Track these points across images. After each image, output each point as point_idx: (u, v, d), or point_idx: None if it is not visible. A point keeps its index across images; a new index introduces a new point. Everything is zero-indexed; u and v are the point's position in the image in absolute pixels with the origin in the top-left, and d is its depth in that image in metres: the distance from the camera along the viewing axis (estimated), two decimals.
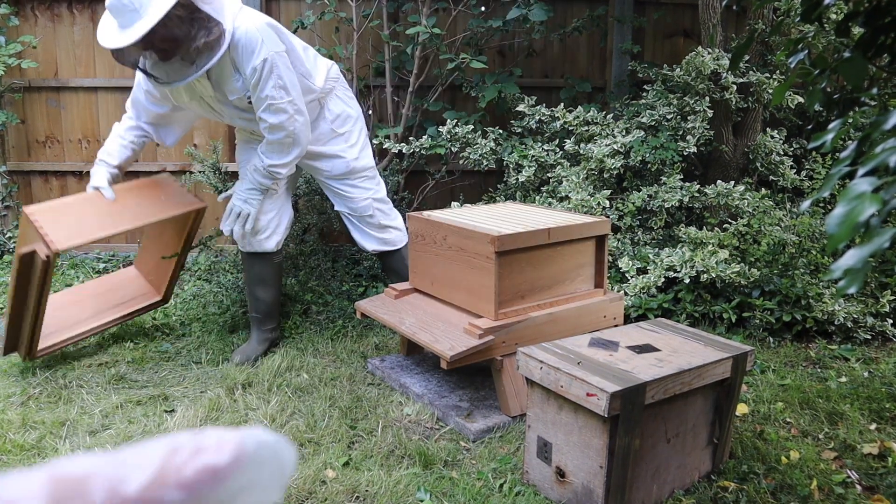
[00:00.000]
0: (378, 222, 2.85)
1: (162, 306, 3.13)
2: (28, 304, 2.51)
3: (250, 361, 2.69)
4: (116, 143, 2.75)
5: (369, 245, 2.90)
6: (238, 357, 2.71)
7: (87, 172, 4.22)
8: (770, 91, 3.45)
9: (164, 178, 2.90)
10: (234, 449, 0.17)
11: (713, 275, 2.91)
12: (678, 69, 3.50)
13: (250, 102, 2.47)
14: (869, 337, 2.91)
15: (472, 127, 3.62)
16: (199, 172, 3.48)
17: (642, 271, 3.13)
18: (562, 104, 3.62)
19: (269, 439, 0.17)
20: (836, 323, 2.91)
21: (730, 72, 3.41)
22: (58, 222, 2.48)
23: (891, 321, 2.96)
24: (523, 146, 3.57)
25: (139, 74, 2.49)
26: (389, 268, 2.98)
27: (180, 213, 2.72)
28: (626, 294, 2.99)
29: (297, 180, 3.05)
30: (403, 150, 3.58)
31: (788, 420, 2.26)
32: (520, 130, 3.71)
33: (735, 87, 3.44)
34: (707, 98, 3.41)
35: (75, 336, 2.78)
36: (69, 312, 2.88)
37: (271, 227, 2.74)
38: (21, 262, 2.44)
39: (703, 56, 3.35)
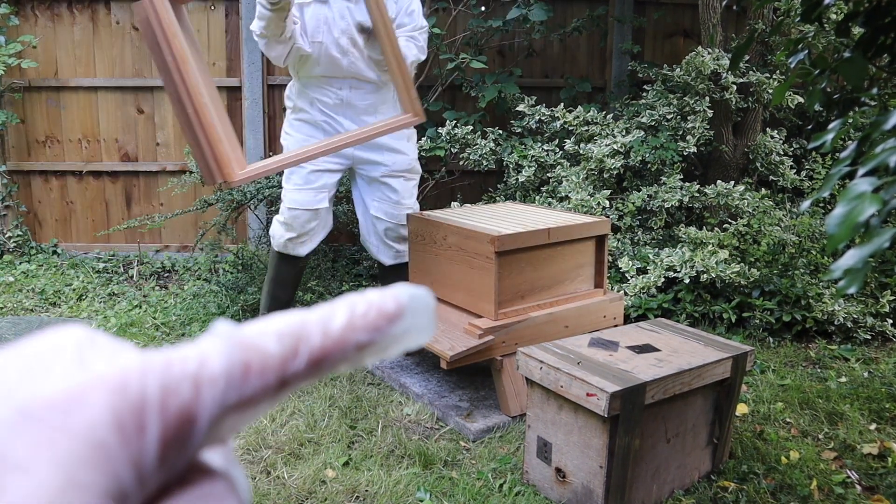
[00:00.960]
0: (401, 234, 2.75)
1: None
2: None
3: None
4: None
5: (386, 258, 2.80)
6: None
7: (88, 172, 4.23)
8: (770, 91, 3.45)
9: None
10: (396, 298, 0.22)
11: (713, 275, 2.91)
12: (678, 69, 3.50)
13: (364, 30, 2.50)
14: (869, 337, 2.91)
15: (472, 127, 3.62)
16: (194, 173, 3.46)
17: (642, 271, 3.13)
18: (562, 104, 3.62)
19: (419, 292, 0.22)
20: (835, 323, 2.91)
21: (730, 72, 3.41)
22: None
23: (891, 321, 2.96)
24: (523, 146, 3.57)
25: None
26: (394, 281, 2.90)
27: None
28: (625, 294, 2.99)
29: (338, 188, 2.93)
30: None
31: (788, 420, 2.26)
32: (520, 130, 3.71)
33: (735, 87, 3.44)
34: (707, 98, 3.41)
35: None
36: None
37: (309, 234, 2.69)
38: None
39: (703, 56, 3.35)
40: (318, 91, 2.61)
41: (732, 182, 3.33)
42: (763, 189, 3.46)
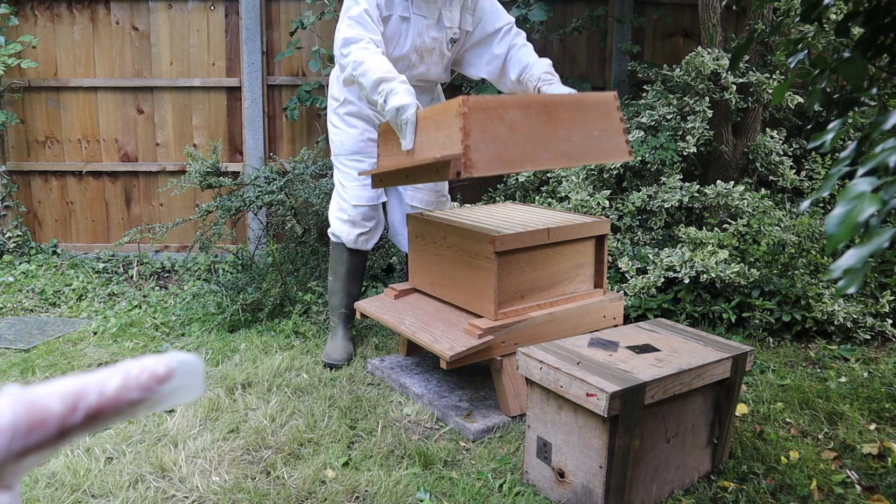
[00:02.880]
0: None
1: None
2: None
3: (346, 360, 2.68)
4: (384, 60, 2.32)
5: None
6: (336, 358, 2.67)
7: (87, 172, 4.23)
8: (770, 91, 3.45)
9: (604, 99, 2.28)
10: (167, 362, 0.26)
11: (713, 275, 2.91)
12: (678, 69, 3.50)
13: (452, 42, 2.57)
14: (868, 337, 2.91)
15: None
16: (193, 172, 3.46)
17: (642, 271, 3.13)
18: None
19: (188, 357, 0.27)
20: (835, 323, 2.91)
21: (729, 72, 3.41)
22: (484, 131, 2.00)
23: (890, 321, 2.96)
24: None
25: None
26: None
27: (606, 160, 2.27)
28: (625, 294, 2.99)
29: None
30: None
31: (788, 420, 2.26)
32: None
33: (735, 87, 3.44)
34: (707, 98, 3.41)
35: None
36: None
37: (376, 227, 2.73)
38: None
39: (702, 56, 3.35)
40: None
41: (732, 182, 3.33)
42: (763, 189, 3.46)
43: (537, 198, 3.39)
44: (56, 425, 0.24)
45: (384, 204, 2.81)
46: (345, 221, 2.71)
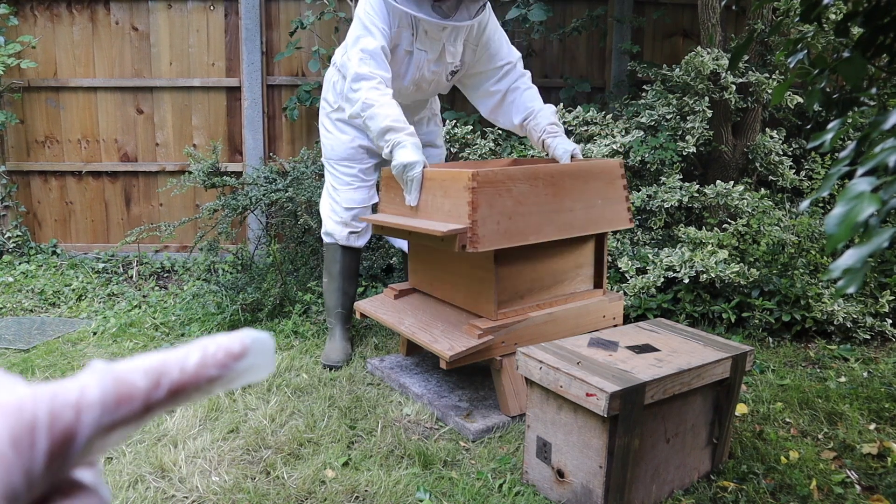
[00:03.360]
0: None
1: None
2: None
3: (345, 361, 2.68)
4: (400, 108, 2.32)
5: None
6: (335, 359, 2.67)
7: (87, 173, 4.22)
8: (769, 91, 3.45)
9: (609, 167, 2.33)
10: (241, 340, 0.26)
11: (712, 275, 2.91)
12: (677, 69, 3.50)
13: (453, 73, 2.58)
14: (868, 337, 2.91)
15: (472, 127, 3.62)
16: (193, 172, 3.46)
17: (642, 271, 3.13)
18: (561, 104, 3.62)
19: (261, 335, 0.27)
20: (835, 323, 2.91)
21: (729, 72, 3.41)
22: (491, 206, 2.04)
23: (890, 321, 2.96)
24: (522, 146, 3.57)
25: (381, 25, 2.33)
26: None
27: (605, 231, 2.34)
28: (625, 294, 2.99)
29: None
30: None
31: (788, 420, 2.26)
32: None
33: (734, 87, 3.44)
34: (706, 98, 3.41)
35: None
36: None
37: (366, 227, 2.75)
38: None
39: (702, 56, 3.35)
40: None
41: (732, 182, 3.33)
42: (762, 189, 3.46)
43: None
44: (141, 401, 0.25)
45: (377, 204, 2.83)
46: (337, 223, 2.73)
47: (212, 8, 4.11)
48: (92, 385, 0.24)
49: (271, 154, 4.14)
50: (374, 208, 2.87)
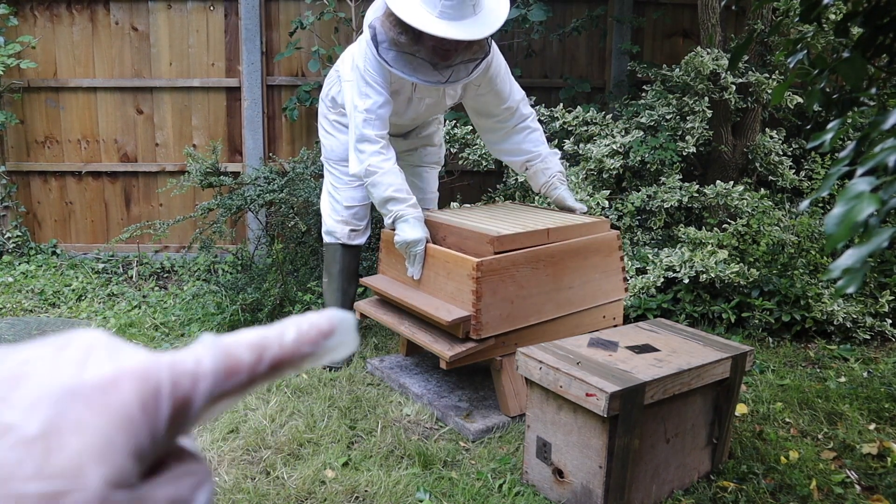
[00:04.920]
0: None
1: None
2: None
3: (345, 361, 2.69)
4: (403, 176, 2.40)
5: None
6: (336, 360, 2.67)
7: (87, 173, 4.22)
8: (769, 91, 3.46)
9: (607, 239, 2.40)
10: (330, 318, 0.28)
11: (712, 275, 2.91)
12: (677, 69, 3.50)
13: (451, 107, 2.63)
14: (868, 337, 2.91)
15: (471, 127, 3.62)
16: (193, 171, 3.45)
17: (641, 271, 3.13)
18: (561, 104, 3.62)
19: (345, 315, 0.29)
20: (835, 323, 2.91)
21: (729, 72, 3.41)
22: (495, 293, 2.12)
23: (890, 321, 2.96)
24: None
25: (381, 83, 2.34)
26: None
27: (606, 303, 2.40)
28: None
29: None
30: None
31: (788, 420, 2.26)
32: None
33: (734, 87, 3.44)
34: (706, 98, 3.41)
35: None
36: None
37: (366, 224, 2.78)
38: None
39: (702, 56, 3.35)
40: None
41: (732, 182, 3.33)
42: (762, 189, 3.46)
43: (537, 198, 3.39)
44: (247, 373, 0.27)
45: None
46: (338, 222, 2.76)
47: (212, 8, 4.11)
48: (205, 356, 0.26)
49: (271, 154, 4.14)
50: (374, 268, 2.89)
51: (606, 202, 3.23)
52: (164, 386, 0.25)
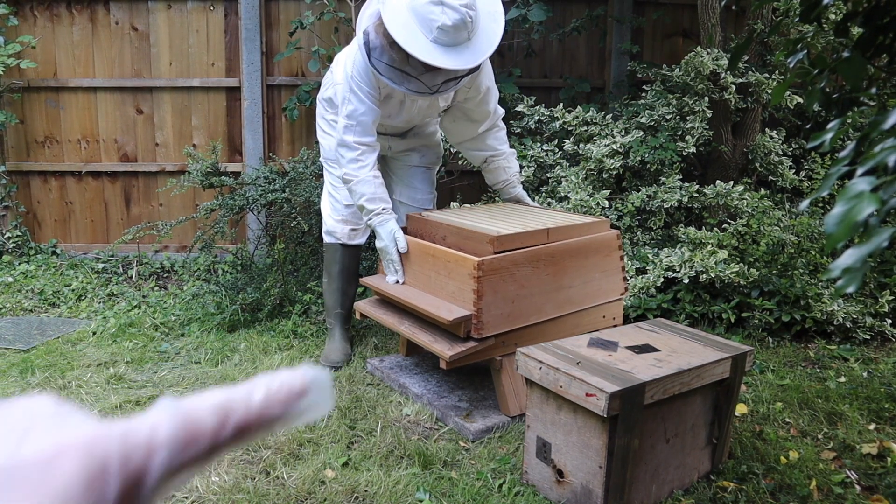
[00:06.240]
0: None
1: None
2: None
3: (345, 361, 2.69)
4: (377, 185, 2.45)
5: None
6: (335, 360, 2.68)
7: (87, 173, 4.22)
8: (769, 91, 3.45)
9: (607, 239, 2.42)
10: (302, 378, 0.26)
11: (712, 275, 2.91)
12: (677, 69, 3.50)
13: (445, 111, 2.65)
14: (868, 337, 2.91)
15: None
16: (194, 171, 3.45)
17: (641, 271, 3.13)
18: (561, 104, 3.62)
19: (318, 373, 0.27)
20: (835, 323, 2.91)
21: (729, 72, 3.41)
22: (496, 292, 2.13)
23: (890, 321, 2.96)
24: (522, 146, 3.57)
25: (367, 93, 2.37)
26: None
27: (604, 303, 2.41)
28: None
29: None
30: None
31: (787, 420, 2.26)
32: (519, 130, 3.71)
33: (734, 87, 3.44)
34: (706, 98, 3.41)
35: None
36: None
37: (363, 223, 2.77)
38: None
39: (702, 56, 3.35)
40: None
41: (731, 182, 3.33)
42: (762, 189, 3.46)
43: (537, 198, 3.39)
44: (209, 440, 0.24)
45: None
46: (338, 221, 2.77)
47: (212, 8, 4.11)
48: (162, 423, 0.24)
49: (271, 154, 4.14)
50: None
51: (606, 202, 3.23)
52: (113, 460, 0.22)
